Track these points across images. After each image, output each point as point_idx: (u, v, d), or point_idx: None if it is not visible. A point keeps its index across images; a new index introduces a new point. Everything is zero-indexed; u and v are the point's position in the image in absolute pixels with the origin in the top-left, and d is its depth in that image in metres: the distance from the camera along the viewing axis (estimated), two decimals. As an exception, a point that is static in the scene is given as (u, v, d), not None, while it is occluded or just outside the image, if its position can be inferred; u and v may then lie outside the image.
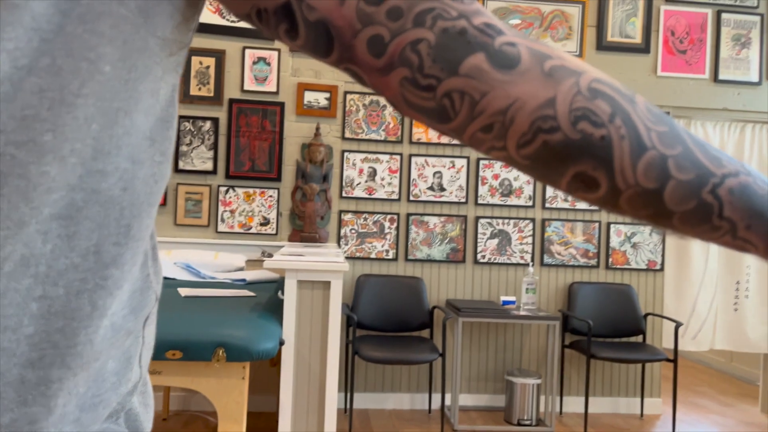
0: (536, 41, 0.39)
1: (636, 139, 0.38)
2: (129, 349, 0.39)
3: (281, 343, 2.06)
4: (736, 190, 0.39)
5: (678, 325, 3.62)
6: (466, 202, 3.88)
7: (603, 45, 3.95)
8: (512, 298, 3.69)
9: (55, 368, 0.33)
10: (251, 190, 3.76)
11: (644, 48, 3.97)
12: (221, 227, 3.73)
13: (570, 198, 3.92)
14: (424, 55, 0.36)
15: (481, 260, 3.89)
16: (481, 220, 3.89)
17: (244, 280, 3.00)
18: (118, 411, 0.39)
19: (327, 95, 3.82)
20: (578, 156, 0.37)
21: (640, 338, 3.93)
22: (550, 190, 3.94)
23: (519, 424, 3.57)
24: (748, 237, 0.40)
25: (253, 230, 3.76)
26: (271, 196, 3.78)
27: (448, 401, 3.83)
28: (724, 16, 4.00)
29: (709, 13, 4.01)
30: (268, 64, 3.79)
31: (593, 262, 3.95)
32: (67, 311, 0.33)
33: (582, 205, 3.94)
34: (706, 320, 4.10)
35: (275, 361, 3.45)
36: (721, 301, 4.13)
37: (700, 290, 4.10)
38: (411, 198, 3.85)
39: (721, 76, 4.01)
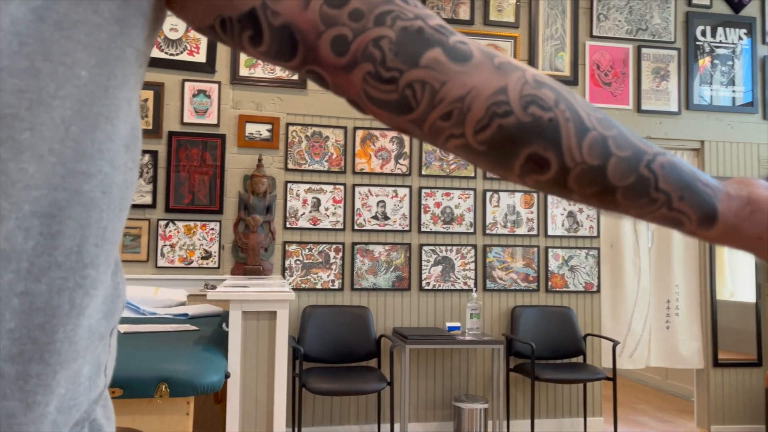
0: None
1: (579, 122, 0.42)
2: (99, 355, 0.40)
3: (227, 375, 2.02)
4: (667, 165, 0.44)
5: (615, 344, 3.75)
6: (409, 230, 3.94)
7: (535, 77, 4.14)
8: (457, 324, 3.74)
9: (34, 363, 0.33)
10: (192, 224, 3.70)
11: (573, 80, 4.18)
12: (161, 262, 3.64)
13: (509, 224, 4.04)
14: (387, 50, 0.39)
15: (426, 287, 3.93)
16: (425, 248, 3.95)
17: (186, 314, 2.93)
18: (83, 419, 0.39)
19: (269, 127, 3.83)
20: (530, 137, 0.41)
21: (580, 359, 4.04)
22: (490, 217, 4.04)
23: (468, 450, 3.58)
24: (682, 208, 0.44)
25: (194, 264, 3.68)
26: (212, 229, 3.72)
27: (397, 430, 3.82)
28: (644, 50, 4.27)
29: (630, 48, 4.27)
30: (209, 96, 3.77)
31: (534, 285, 4.07)
32: (48, 308, 0.34)
33: (521, 230, 4.06)
34: (641, 339, 4.27)
35: (220, 397, 3.35)
36: (654, 320, 4.31)
37: (635, 310, 4.27)
38: (355, 227, 3.88)
39: (643, 107, 4.26)
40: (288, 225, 3.80)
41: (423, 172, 3.98)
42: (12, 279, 0.32)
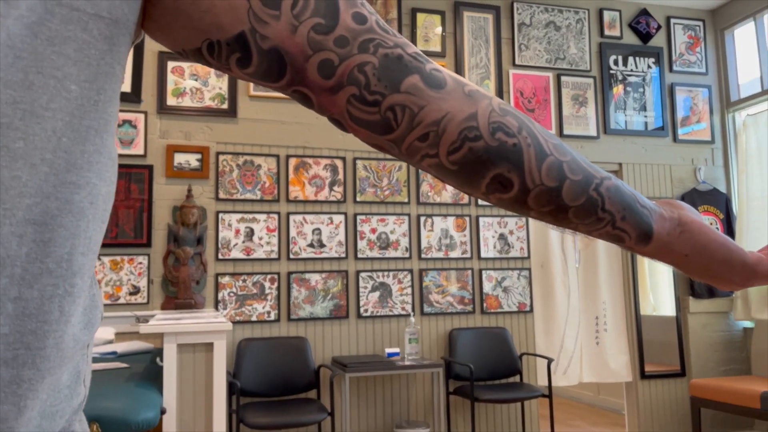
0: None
1: (539, 147, 0.47)
2: (79, 364, 0.41)
3: (162, 411, 1.92)
4: (612, 188, 0.49)
5: (550, 361, 3.84)
6: (346, 257, 3.92)
7: (462, 105, 4.27)
8: (396, 350, 3.73)
9: (27, 368, 0.34)
10: (118, 258, 3.54)
11: (498, 107, 4.33)
12: (85, 299, 3.45)
13: (444, 247, 4.10)
14: (370, 75, 0.43)
15: (364, 314, 3.91)
16: (362, 274, 3.94)
17: (114, 352, 2.78)
18: (65, 429, 0.40)
19: (198, 156, 3.74)
20: (496, 160, 0.46)
21: (517, 378, 4.11)
22: (425, 241, 4.09)
23: (411, 477, 3.54)
24: (624, 227, 0.50)
25: (121, 300, 3.52)
26: (140, 263, 3.57)
27: (339, 463, 3.73)
28: (563, 78, 4.49)
29: (551, 76, 4.49)
30: (134, 126, 3.66)
31: (469, 308, 4.12)
32: (39, 314, 0.35)
33: (455, 253, 4.12)
34: (573, 355, 4.40)
35: (151, 440, 3.18)
36: (585, 336, 4.46)
37: (566, 327, 4.41)
38: (291, 256, 3.82)
39: (565, 132, 4.46)
40: (220, 256, 3.71)
41: (357, 199, 3.99)
42: (6, 284, 0.33)
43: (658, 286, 4.92)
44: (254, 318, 3.72)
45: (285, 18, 0.41)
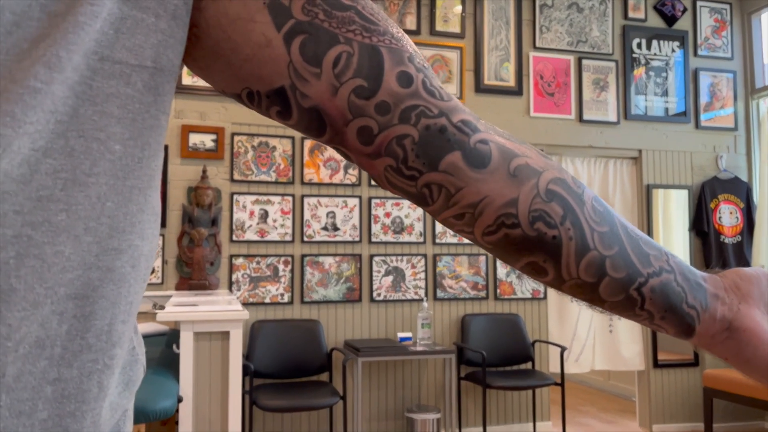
0: (504, 135, 0.44)
1: (581, 240, 0.43)
2: (118, 423, 0.39)
3: (179, 399, 1.93)
4: (657, 289, 0.46)
5: (563, 349, 3.83)
6: (360, 241, 3.90)
7: (481, 88, 4.19)
8: (408, 335, 3.73)
9: None
10: (133, 238, 3.54)
11: (517, 91, 4.26)
12: (100, 279, 3.46)
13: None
14: (409, 150, 0.40)
15: (377, 298, 3.90)
16: (376, 258, 3.92)
17: (129, 334, 2.79)
18: None
19: (213, 137, 3.71)
20: (532, 250, 0.43)
21: (529, 365, 4.10)
22: (439, 227, 4.06)
23: (422, 461, 3.56)
24: (662, 324, 0.48)
25: (136, 280, 3.52)
26: (155, 243, 3.57)
27: (349, 445, 3.76)
28: (584, 62, 4.40)
29: (572, 60, 4.39)
30: (149, 105, 3.63)
31: (483, 293, 4.10)
32: (78, 394, 0.33)
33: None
34: (585, 343, 4.38)
35: (165, 419, 3.21)
36: (598, 324, 4.43)
37: (580, 315, 4.38)
38: (305, 239, 3.81)
39: (585, 117, 4.38)
40: (234, 238, 3.70)
41: (372, 182, 3.95)
42: (45, 366, 0.31)
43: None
44: (267, 300, 3.72)
45: (326, 77, 0.39)
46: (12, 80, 0.30)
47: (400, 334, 3.72)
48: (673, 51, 4.61)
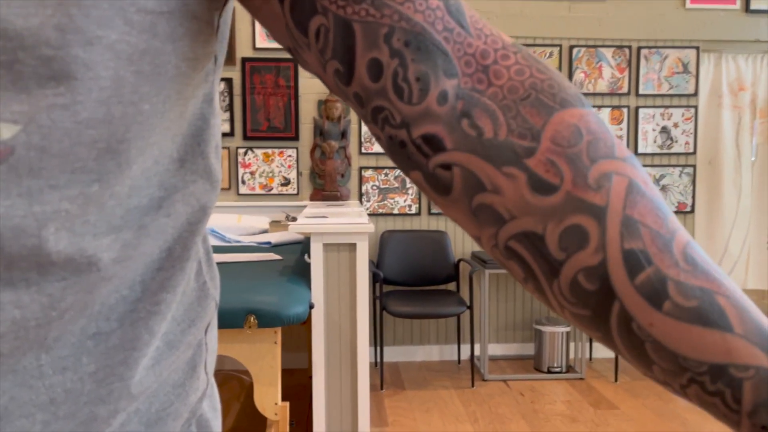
0: (480, 143, 0.33)
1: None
2: (193, 358, 0.40)
3: (311, 306, 2.06)
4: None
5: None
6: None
7: (627, -21, 3.76)
8: (539, 248, 3.65)
9: (123, 400, 0.34)
10: (270, 151, 3.72)
11: (671, -21, 3.77)
12: (242, 189, 3.71)
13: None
14: (386, 144, 0.35)
15: (506, 210, 3.83)
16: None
17: (269, 242, 3.00)
18: (189, 419, 0.40)
19: (341, 49, 3.71)
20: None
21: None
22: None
23: (549, 372, 3.58)
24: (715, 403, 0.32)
25: (274, 191, 3.73)
26: (290, 156, 3.73)
27: (477, 351, 3.85)
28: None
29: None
30: (279, 19, 3.68)
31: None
32: (125, 343, 0.33)
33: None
34: (738, 260, 4.03)
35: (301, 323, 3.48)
36: (754, 240, 4.04)
37: (733, 230, 4.01)
38: (432, 150, 3.77)
39: (752, 6, 3.80)
40: (363, 150, 3.75)
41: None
42: (84, 323, 0.32)
43: None
44: (396, 211, 3.79)
45: (314, 51, 0.34)
46: None
47: (530, 247, 3.65)
48: None
